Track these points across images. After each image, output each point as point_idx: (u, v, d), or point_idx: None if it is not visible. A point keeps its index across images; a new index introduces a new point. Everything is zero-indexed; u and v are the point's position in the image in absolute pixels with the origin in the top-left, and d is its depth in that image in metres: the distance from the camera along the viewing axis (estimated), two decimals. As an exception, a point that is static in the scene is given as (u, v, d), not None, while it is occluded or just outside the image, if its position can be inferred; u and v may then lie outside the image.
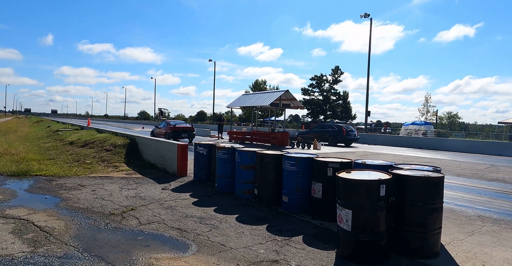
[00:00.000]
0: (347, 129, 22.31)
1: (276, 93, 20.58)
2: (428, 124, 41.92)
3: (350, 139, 22.24)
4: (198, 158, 8.14)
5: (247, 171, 6.58)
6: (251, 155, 6.54)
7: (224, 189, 7.12)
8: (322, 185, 5.39)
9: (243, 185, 6.64)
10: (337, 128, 22.51)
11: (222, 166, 7.09)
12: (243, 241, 4.44)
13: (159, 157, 9.84)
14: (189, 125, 21.66)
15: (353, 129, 23.42)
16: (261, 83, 65.74)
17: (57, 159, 11.22)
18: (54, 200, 6.23)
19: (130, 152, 11.39)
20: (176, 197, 6.62)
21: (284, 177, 5.91)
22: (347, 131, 22.01)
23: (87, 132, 17.52)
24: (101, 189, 7.15)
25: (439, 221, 4.24)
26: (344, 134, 21.61)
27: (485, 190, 8.65)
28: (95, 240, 4.29)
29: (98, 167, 9.83)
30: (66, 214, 5.37)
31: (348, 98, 58.38)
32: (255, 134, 21.94)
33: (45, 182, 7.74)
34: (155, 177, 8.55)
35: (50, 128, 25.82)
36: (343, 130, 21.91)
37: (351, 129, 23.01)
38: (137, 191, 7.08)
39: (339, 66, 57.48)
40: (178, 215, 5.47)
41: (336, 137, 22.10)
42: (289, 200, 5.81)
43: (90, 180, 8.05)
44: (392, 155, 16.93)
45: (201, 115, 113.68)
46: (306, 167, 5.69)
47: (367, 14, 35.88)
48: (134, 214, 5.45)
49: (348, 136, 21.87)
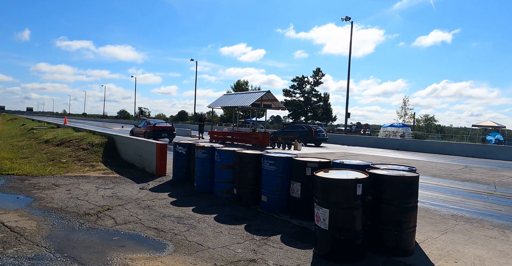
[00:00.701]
0: (316, 129, 23.07)
1: (257, 94, 20.60)
2: (405, 127, 42.84)
3: (319, 139, 22.87)
4: (177, 157, 8.05)
5: (226, 171, 6.54)
6: (230, 154, 6.51)
7: (203, 188, 7.06)
8: (300, 185, 5.41)
9: (222, 184, 6.61)
10: (306, 128, 23.19)
11: (201, 165, 7.04)
12: (221, 240, 4.41)
13: (137, 156, 9.68)
14: (170, 125, 21.43)
15: (322, 129, 24.30)
16: (243, 84, 65.70)
17: (31, 158, 10.89)
18: (26, 200, 6.04)
19: (108, 151, 11.17)
20: (154, 197, 6.52)
21: (263, 177, 5.91)
22: (316, 131, 22.71)
23: (63, 130, 17.09)
24: (76, 189, 6.98)
25: (413, 220, 4.32)
26: (313, 134, 22.18)
27: (459, 190, 8.87)
28: (68, 241, 4.18)
29: (74, 166, 9.59)
30: (39, 214, 5.22)
31: (329, 100, 59.10)
32: (236, 134, 21.90)
33: (18, 181, 7.50)
34: (133, 177, 8.41)
35: (25, 126, 25.08)
36: (312, 130, 22.58)
37: (320, 129, 23.84)
38: (114, 190, 6.94)
39: (320, 68, 58.16)
40: (155, 214, 5.39)
41: (306, 137, 22.54)
42: (268, 200, 5.81)
43: (65, 180, 7.85)
44: (370, 156, 17.18)
45: (182, 115, 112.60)
46: (285, 166, 5.71)
47: (348, 17, 36.40)
48: (110, 214, 5.34)
49: (317, 136, 22.44)
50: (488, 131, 35.19)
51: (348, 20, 36.51)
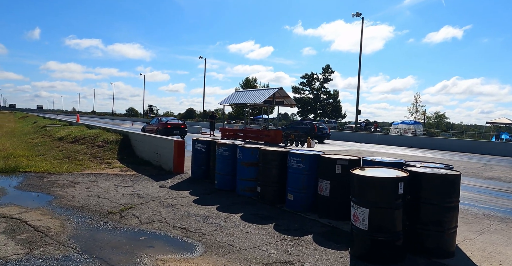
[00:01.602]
0: (318, 126, 23.25)
1: (269, 91, 20.38)
2: (417, 124, 42.32)
3: (321, 135, 22.90)
4: (196, 154, 7.89)
5: (249, 168, 6.36)
6: (253, 151, 6.33)
7: (224, 186, 6.89)
8: (329, 183, 5.21)
9: (245, 182, 6.43)
10: (309, 125, 23.28)
11: (222, 162, 6.86)
12: (252, 241, 4.24)
13: (154, 153, 9.54)
14: (181, 122, 21.34)
15: (325, 126, 24.43)
16: (252, 81, 65.41)
17: (46, 155, 10.82)
18: (46, 198, 5.92)
19: (123, 148, 11.06)
20: (176, 195, 6.37)
21: (289, 174, 5.72)
22: (318, 128, 22.81)
23: (76, 128, 17.05)
24: (95, 187, 6.85)
25: (455, 220, 4.11)
26: (315, 130, 22.07)
27: (484, 189, 8.61)
28: (94, 241, 4.03)
29: (90, 163, 9.49)
30: (61, 212, 5.08)
31: (338, 97, 58.63)
32: (248, 131, 21.71)
33: (36, 179, 7.40)
34: (150, 174, 8.27)
35: (37, 124, 25.15)
36: (315, 127, 22.63)
37: (323, 126, 24.02)
38: (133, 188, 6.80)
39: (329, 65, 57.67)
40: (179, 213, 5.23)
41: (308, 133, 22.40)
42: (294, 198, 5.62)
43: (83, 177, 7.73)
44: (385, 153, 16.90)
45: (190, 112, 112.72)
46: (312, 164, 5.52)
47: (358, 13, 35.93)
48: (133, 212, 5.19)
49: (319, 133, 22.44)
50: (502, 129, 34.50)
51: (359, 16, 36.04)
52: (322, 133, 22.96)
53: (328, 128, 25.17)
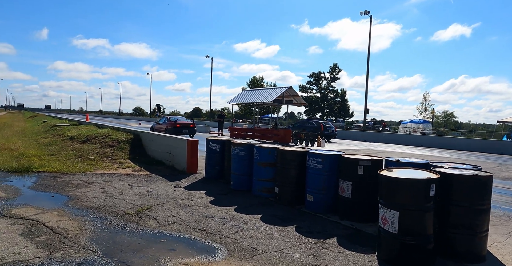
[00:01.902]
0: (325, 125, 23.19)
1: (279, 90, 20.23)
2: (426, 123, 41.88)
3: (328, 134, 22.79)
4: (211, 154, 7.78)
5: (266, 169, 6.24)
6: (271, 151, 6.20)
7: (240, 186, 6.78)
8: (351, 184, 5.07)
9: (262, 183, 6.31)
10: (315, 124, 23.15)
11: (238, 163, 6.74)
12: (275, 243, 4.11)
13: (166, 153, 9.46)
14: (190, 122, 21.29)
15: (331, 125, 24.30)
16: (258, 80, 65.32)
17: (58, 155, 10.79)
18: (62, 198, 5.84)
19: (134, 148, 10.99)
20: (191, 196, 6.26)
21: (309, 175, 5.59)
22: (325, 127, 22.75)
23: (86, 127, 17.04)
24: (110, 187, 6.77)
25: (487, 223, 3.95)
26: (322, 129, 21.89)
27: (504, 189, 8.43)
28: (114, 243, 3.93)
29: (102, 163, 9.42)
30: (78, 213, 5.00)
31: (346, 96, 58.27)
32: (257, 131, 21.60)
33: (49, 179, 7.34)
34: (163, 174, 8.18)
35: (47, 123, 25.24)
36: (321, 126, 22.53)
37: (329, 125, 23.91)
38: (148, 188, 6.71)
39: (337, 63, 57.34)
40: (198, 215, 5.12)
41: (315, 132, 22.28)
42: (314, 199, 5.49)
43: (96, 177, 7.66)
44: (397, 153, 16.70)
45: (197, 111, 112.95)
46: (332, 164, 5.38)
47: (367, 11, 35.65)
48: (150, 213, 5.09)
49: (326, 132, 22.32)
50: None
51: (367, 14, 35.78)
52: (328, 132, 22.85)
53: (335, 127, 25.14)
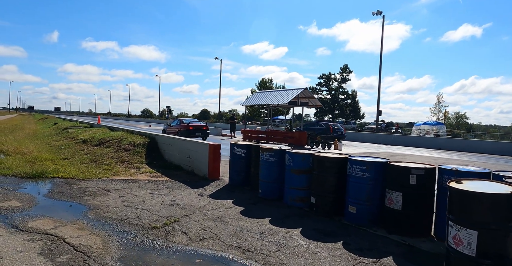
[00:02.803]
0: (334, 127, 22.94)
1: (294, 91, 19.72)
2: (440, 125, 40.98)
3: (337, 136, 22.17)
4: (235, 160, 7.30)
5: (300, 176, 5.74)
6: (305, 157, 5.70)
7: (269, 195, 6.29)
8: (402, 195, 4.56)
9: (295, 191, 5.81)
10: (324, 126, 22.82)
11: (268, 169, 6.25)
12: (326, 264, 3.61)
13: (185, 157, 9.00)
14: (203, 124, 20.86)
15: (340, 127, 24.09)
16: (268, 82, 64.85)
17: (71, 159, 10.40)
18: (80, 208, 5.40)
19: (150, 152, 10.56)
20: (219, 205, 5.78)
21: (350, 184, 5.08)
22: (334, 129, 22.43)
23: (98, 130, 16.68)
24: (130, 195, 6.32)
25: None
26: (331, 131, 21.42)
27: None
28: (144, 264, 3.47)
29: (118, 168, 9.00)
30: (99, 227, 4.55)
31: (357, 97, 57.50)
32: (270, 133, 21.11)
33: (65, 186, 6.92)
34: (184, 180, 7.71)
35: (58, 125, 25.00)
36: (330, 128, 22.12)
37: (338, 127, 23.69)
38: (171, 197, 6.25)
39: (347, 65, 56.68)
40: (231, 228, 4.64)
41: (324, 134, 21.81)
42: (357, 211, 4.98)
43: (114, 184, 7.22)
44: (418, 156, 16.07)
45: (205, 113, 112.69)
46: (377, 172, 4.88)
47: (379, 11, 35.08)
48: (179, 227, 4.62)
49: (335, 134, 21.75)
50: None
51: (380, 14, 35.24)
52: (337, 134, 22.39)
53: (344, 129, 24.73)
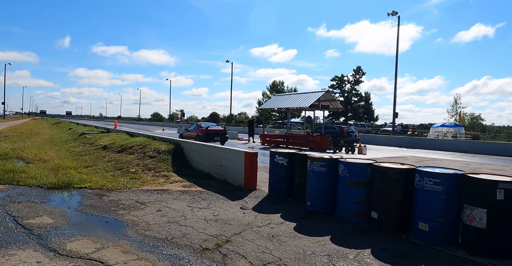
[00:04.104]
0: (347, 130, 22.61)
1: (315, 94, 19.18)
2: (458, 127, 40.00)
3: (351, 140, 21.64)
4: (276, 169, 6.78)
5: (357, 188, 5.20)
6: (363, 168, 5.17)
7: (319, 208, 5.76)
8: (487, 212, 4.00)
9: (351, 205, 5.27)
10: (338, 129, 22.39)
11: (318, 180, 5.73)
12: (422, 300, 3.07)
13: (216, 165, 8.51)
14: (222, 128, 20.42)
15: (354, 130, 23.65)
16: (279, 84, 64.35)
17: (95, 167, 9.98)
18: (118, 225, 4.93)
19: (176, 159, 10.10)
20: (268, 221, 5.26)
21: (420, 198, 4.53)
22: (347, 132, 22.04)
23: (117, 135, 16.29)
24: (167, 208, 5.84)
25: None
26: (345, 134, 20.90)
27: None
28: (211, 299, 2.96)
29: (145, 176, 8.54)
30: (145, 249, 4.06)
31: (371, 99, 56.67)
32: (290, 137, 20.60)
33: (95, 198, 6.47)
34: (219, 191, 7.22)
35: (73, 130, 24.74)
36: (344, 131, 21.72)
37: (352, 130, 23.26)
38: (212, 211, 5.74)
39: (360, 66, 55.96)
40: (292, 249, 4.12)
41: (337, 137, 21.25)
42: (430, 228, 4.42)
43: (146, 195, 6.75)
44: (449, 161, 15.40)
45: (214, 116, 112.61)
46: (453, 185, 4.33)
47: (395, 12, 34.59)
48: (233, 248, 4.11)
49: (349, 137, 21.16)
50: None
51: (395, 14, 34.75)
52: (351, 137, 21.82)
53: (357, 132, 24.20)
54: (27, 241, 4.21)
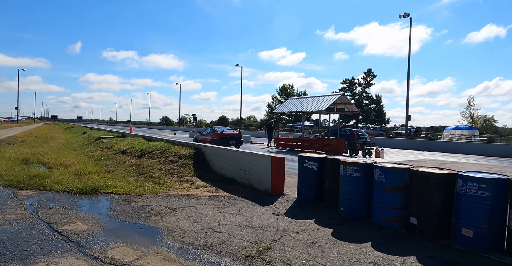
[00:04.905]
0: (358, 133, 22.34)
1: (331, 98, 19.08)
2: (472, 129, 39.53)
3: (361, 143, 21.46)
4: (305, 173, 6.71)
5: (394, 194, 5.11)
6: (400, 173, 5.08)
7: (353, 214, 5.66)
8: (538, 218, 3.88)
9: (388, 211, 5.17)
10: (348, 132, 22.04)
11: (352, 185, 5.64)
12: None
13: (240, 170, 8.46)
14: (237, 132, 20.41)
15: (364, 133, 23.41)
16: (288, 88, 64.30)
17: (117, 172, 10.01)
18: (153, 232, 4.89)
19: (198, 164, 10.08)
20: (303, 227, 5.19)
21: (463, 204, 4.43)
22: (358, 135, 21.78)
23: (134, 140, 16.35)
24: (198, 214, 5.80)
25: None
26: (355, 137, 20.67)
27: None
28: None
29: (169, 181, 8.52)
30: (187, 256, 4.01)
31: (382, 102, 56.25)
32: (305, 141, 20.50)
33: (124, 203, 6.46)
34: (246, 196, 7.16)
35: (87, 135, 24.93)
36: (354, 134, 21.41)
37: (362, 133, 23.02)
38: (244, 217, 5.69)
39: (371, 69, 55.61)
40: (336, 257, 4.04)
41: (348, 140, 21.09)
42: (474, 235, 4.31)
43: (174, 201, 6.72)
44: (470, 164, 15.17)
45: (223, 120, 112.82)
46: (498, 190, 4.22)
47: (407, 13, 34.37)
48: (276, 256, 4.05)
49: (359, 140, 21.02)
50: None
51: (407, 16, 34.50)
52: (362, 140, 21.61)
53: (368, 135, 24.04)
54: (68, 248, 4.19)
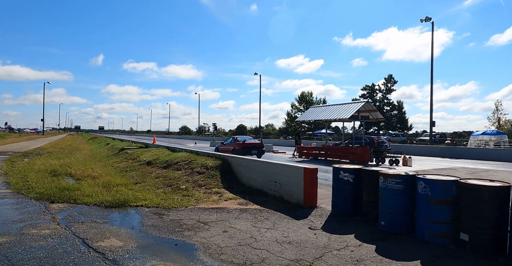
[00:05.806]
0: (378, 140, 21.65)
1: (355, 105, 18.74)
2: (501, 134, 38.20)
3: (381, 150, 20.82)
4: (340, 185, 6.46)
5: (441, 208, 4.81)
6: (447, 185, 4.79)
7: (395, 228, 5.38)
8: None
9: (435, 225, 4.87)
10: (368, 140, 21.44)
11: (394, 198, 5.36)
12: None
13: (269, 182, 8.26)
14: (259, 142, 20.26)
15: (385, 140, 23.01)
16: (307, 95, 63.91)
17: (144, 183, 9.96)
18: (188, 248, 4.74)
19: (225, 175, 9.94)
20: (344, 243, 4.94)
21: (521, 219, 4.11)
22: (378, 142, 21.11)
23: (158, 150, 16.39)
24: (232, 229, 5.62)
25: None
26: (375, 145, 20.14)
27: None
28: None
29: (197, 193, 8.40)
30: (227, 275, 3.83)
31: (404, 108, 55.20)
32: (329, 149, 20.16)
33: (155, 217, 6.35)
34: (278, 209, 6.95)
35: (111, 146, 25.25)
36: (374, 142, 20.80)
37: (383, 140, 22.64)
38: (280, 232, 5.48)
39: (392, 74, 54.82)
40: (386, 278, 3.79)
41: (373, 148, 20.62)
42: (536, 254, 3.99)
43: (206, 214, 6.58)
44: (505, 173, 14.51)
45: (241, 129, 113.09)
46: (562, 205, 3.89)
47: (428, 17, 33.87)
48: (322, 276, 3.83)
49: (379, 147, 20.41)
50: None
51: (429, 20, 33.99)
52: (382, 147, 21.05)
53: (388, 142, 23.54)
54: (105, 266, 4.08)
